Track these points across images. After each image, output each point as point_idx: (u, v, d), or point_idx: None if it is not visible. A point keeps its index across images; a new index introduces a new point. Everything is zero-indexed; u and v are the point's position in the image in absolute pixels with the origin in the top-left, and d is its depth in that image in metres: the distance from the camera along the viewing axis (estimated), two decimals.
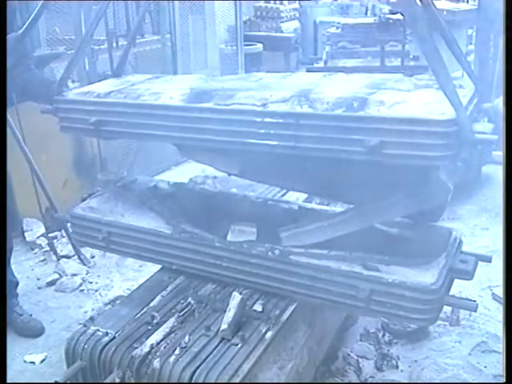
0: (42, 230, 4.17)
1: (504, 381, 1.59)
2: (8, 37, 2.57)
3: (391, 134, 1.92)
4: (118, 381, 2.10)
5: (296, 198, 3.02)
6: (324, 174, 2.31)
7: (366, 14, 8.78)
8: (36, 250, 4.16)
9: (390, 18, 6.65)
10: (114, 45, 4.92)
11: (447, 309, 3.00)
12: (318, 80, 2.41)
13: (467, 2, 8.60)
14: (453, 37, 2.23)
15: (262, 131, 2.12)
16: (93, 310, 3.47)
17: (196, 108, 2.26)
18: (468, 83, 2.23)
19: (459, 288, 3.15)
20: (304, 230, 2.35)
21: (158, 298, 2.44)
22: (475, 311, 2.25)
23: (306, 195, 3.06)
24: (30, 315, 3.37)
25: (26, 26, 2.59)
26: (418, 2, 2.01)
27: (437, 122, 1.86)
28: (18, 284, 3.40)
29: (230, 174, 2.65)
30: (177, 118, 2.30)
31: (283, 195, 3.20)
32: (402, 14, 1.95)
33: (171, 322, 2.26)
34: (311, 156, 2.15)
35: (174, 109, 2.32)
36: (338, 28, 6.85)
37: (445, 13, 7.06)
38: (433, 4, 2.16)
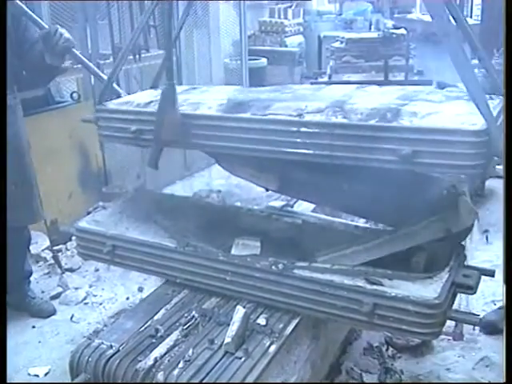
0: (47, 243, 4.18)
1: (504, 381, 1.59)
2: None
3: (423, 144, 1.96)
4: None
5: (301, 210, 3.02)
6: (360, 193, 2.36)
7: (370, 28, 8.81)
8: (41, 262, 4.16)
9: (393, 33, 6.69)
10: None
11: (451, 323, 3.00)
12: (351, 92, 2.46)
13: (470, 17, 8.65)
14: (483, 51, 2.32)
15: (299, 140, 2.17)
16: (97, 323, 3.47)
17: (234, 118, 2.31)
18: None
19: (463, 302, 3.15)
20: (340, 254, 2.36)
21: (162, 311, 2.45)
22: (478, 325, 2.25)
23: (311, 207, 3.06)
24: (41, 298, 3.67)
25: None
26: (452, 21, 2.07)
27: (468, 132, 1.90)
28: (31, 273, 3.73)
29: (267, 190, 2.69)
30: (215, 127, 2.35)
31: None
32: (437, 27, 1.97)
33: (175, 335, 2.27)
34: (349, 174, 2.22)
35: (213, 118, 2.36)
36: (342, 42, 6.87)
37: None
38: (465, 21, 2.24)
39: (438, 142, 1.94)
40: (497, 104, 2.14)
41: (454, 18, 2.18)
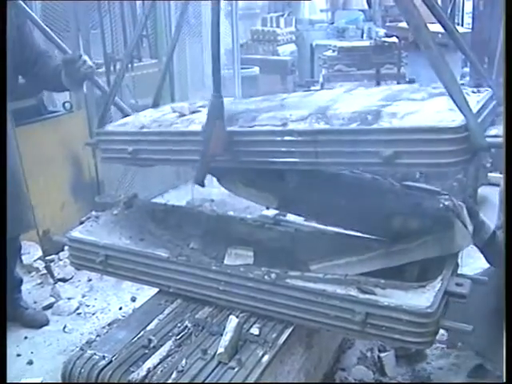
0: (40, 253, 4.17)
1: (504, 381, 1.59)
2: None
3: (404, 144, 1.98)
4: None
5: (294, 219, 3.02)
6: (361, 209, 2.37)
7: (362, 37, 8.83)
8: (33, 273, 4.15)
9: (385, 41, 6.72)
10: (112, 68, 4.96)
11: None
12: (337, 96, 2.48)
13: (461, 26, 8.69)
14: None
15: (284, 149, 2.19)
16: (90, 333, 3.46)
17: None
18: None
19: None
20: (333, 264, 2.38)
21: (155, 321, 2.44)
22: (471, 334, 2.25)
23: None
24: (34, 309, 3.66)
25: None
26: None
27: (446, 130, 1.90)
28: (22, 281, 3.68)
29: (268, 208, 2.73)
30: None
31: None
32: (407, 22, 1.97)
33: (168, 345, 2.26)
34: (349, 189, 2.27)
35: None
36: (334, 51, 6.89)
37: (440, 36, 7.14)
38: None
39: (418, 141, 1.95)
40: (482, 97, 2.16)
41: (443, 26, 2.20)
